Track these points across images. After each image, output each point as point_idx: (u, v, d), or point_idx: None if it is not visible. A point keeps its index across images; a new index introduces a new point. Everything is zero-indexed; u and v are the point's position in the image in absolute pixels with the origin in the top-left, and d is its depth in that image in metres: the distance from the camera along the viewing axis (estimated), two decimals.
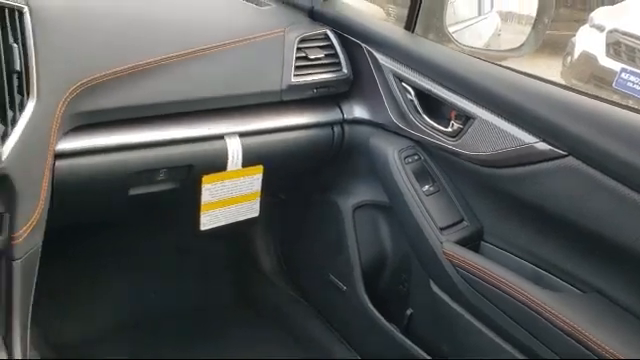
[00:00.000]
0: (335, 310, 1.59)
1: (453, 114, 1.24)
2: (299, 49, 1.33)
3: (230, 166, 1.26)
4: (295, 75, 1.31)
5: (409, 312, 1.39)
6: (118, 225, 1.53)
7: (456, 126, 1.23)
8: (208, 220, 1.29)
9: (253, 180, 1.33)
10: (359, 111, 1.42)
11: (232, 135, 1.26)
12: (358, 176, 1.46)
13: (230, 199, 1.31)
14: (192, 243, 1.53)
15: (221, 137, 1.24)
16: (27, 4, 0.95)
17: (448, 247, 1.21)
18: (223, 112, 1.26)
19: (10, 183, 0.92)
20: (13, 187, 0.92)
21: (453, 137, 1.23)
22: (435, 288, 1.27)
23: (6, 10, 0.92)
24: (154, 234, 1.64)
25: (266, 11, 1.41)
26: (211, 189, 1.26)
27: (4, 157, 0.90)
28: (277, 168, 1.37)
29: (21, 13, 0.94)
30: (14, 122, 0.92)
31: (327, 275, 1.56)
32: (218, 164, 1.24)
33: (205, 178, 1.24)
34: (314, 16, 1.45)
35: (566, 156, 1.04)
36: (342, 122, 1.42)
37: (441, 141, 1.26)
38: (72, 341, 1.52)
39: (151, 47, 1.12)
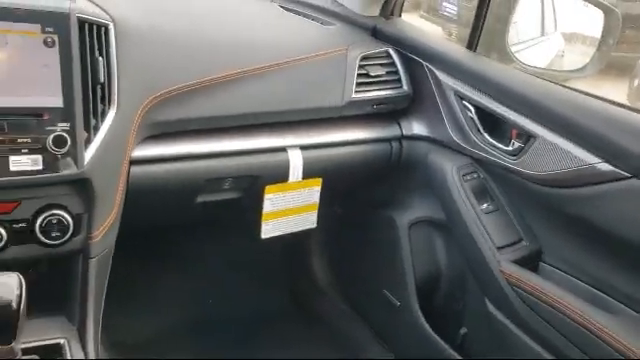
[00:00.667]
0: (387, 325, 1.60)
1: (514, 133, 1.24)
2: (361, 66, 1.36)
3: (291, 177, 1.30)
4: (356, 91, 1.35)
5: (463, 331, 1.39)
6: (183, 230, 1.60)
7: (517, 145, 1.23)
8: (269, 229, 1.33)
9: (312, 192, 1.36)
10: (418, 127, 1.44)
11: (294, 148, 1.30)
12: (415, 192, 1.47)
13: (290, 209, 1.35)
14: (250, 251, 1.58)
15: (283, 149, 1.29)
16: (112, 20, 1.03)
17: (506, 266, 1.21)
18: (286, 125, 1.31)
19: (90, 186, 0.99)
20: (93, 190, 0.99)
21: (514, 156, 1.23)
22: (491, 307, 1.26)
23: (94, 26, 1.00)
24: (216, 240, 1.70)
25: (330, 30, 1.46)
26: (273, 199, 1.30)
27: (86, 162, 0.97)
28: (335, 181, 1.40)
29: (107, 29, 1.02)
30: (96, 129, 0.99)
31: (381, 289, 1.57)
32: (280, 175, 1.29)
33: (267, 188, 1.28)
34: (376, 35, 1.49)
35: (630, 178, 1.03)
36: (400, 138, 1.44)
37: (501, 159, 1.26)
38: (132, 340, 1.59)
39: (221, 63, 1.18)
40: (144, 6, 1.16)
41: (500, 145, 1.27)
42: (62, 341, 1.05)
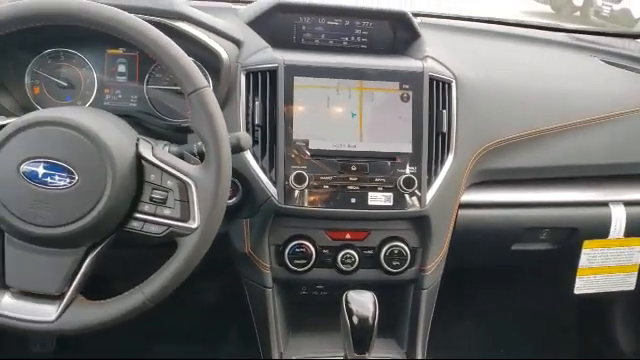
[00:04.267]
0: None
1: None
2: None
3: (612, 234, 1.26)
4: None
5: None
6: (491, 275, 1.63)
7: None
8: (582, 285, 1.30)
9: (633, 252, 1.29)
10: None
11: (617, 203, 1.26)
12: None
13: (607, 267, 1.29)
14: (552, 304, 1.54)
15: (605, 204, 1.25)
16: (454, 77, 1.15)
17: None
18: (608, 179, 1.27)
19: (428, 223, 1.11)
20: (430, 227, 1.11)
21: None
22: None
23: (440, 83, 1.13)
24: (522, 290, 1.69)
25: None
26: (590, 254, 1.27)
27: (427, 201, 1.09)
28: None
29: (449, 85, 1.14)
30: (436, 174, 1.11)
31: None
32: (599, 231, 1.25)
33: (586, 243, 1.26)
34: None
35: None
36: None
37: None
38: None
39: (548, 115, 1.22)
40: (479, 62, 1.25)
41: None
42: None
